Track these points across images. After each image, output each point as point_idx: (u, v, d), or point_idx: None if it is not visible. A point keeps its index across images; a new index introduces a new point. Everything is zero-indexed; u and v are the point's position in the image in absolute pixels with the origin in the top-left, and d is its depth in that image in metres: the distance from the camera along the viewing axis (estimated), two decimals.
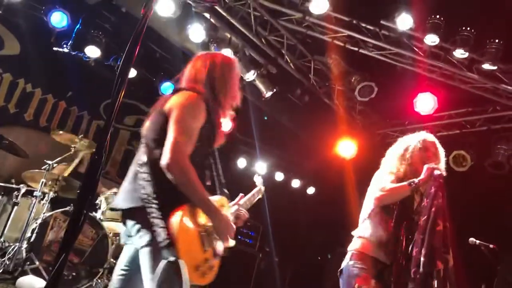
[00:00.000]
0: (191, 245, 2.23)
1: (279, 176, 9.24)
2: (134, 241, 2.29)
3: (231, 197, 2.73)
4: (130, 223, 2.29)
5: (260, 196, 3.22)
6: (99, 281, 5.36)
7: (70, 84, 7.12)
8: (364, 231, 3.29)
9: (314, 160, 8.30)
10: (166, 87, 7.45)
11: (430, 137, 3.53)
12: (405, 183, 3.24)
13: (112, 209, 2.38)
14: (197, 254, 2.26)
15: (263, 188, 3.27)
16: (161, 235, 2.10)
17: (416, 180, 3.21)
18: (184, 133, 2.26)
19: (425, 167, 3.27)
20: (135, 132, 8.09)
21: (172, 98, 2.41)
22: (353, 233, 3.41)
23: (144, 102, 8.11)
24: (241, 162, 9.03)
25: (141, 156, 2.33)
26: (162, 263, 2.10)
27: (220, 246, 2.42)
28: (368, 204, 3.39)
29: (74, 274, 5.00)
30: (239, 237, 7.96)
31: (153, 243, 2.15)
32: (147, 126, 2.44)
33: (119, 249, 6.07)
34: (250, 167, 8.90)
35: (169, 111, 2.33)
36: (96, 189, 1.49)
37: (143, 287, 2.22)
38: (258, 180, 3.34)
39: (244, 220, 2.78)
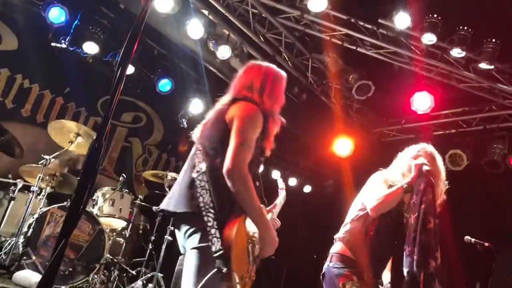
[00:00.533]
0: (241, 256, 2.29)
1: (275, 175, 9.25)
2: (185, 244, 2.35)
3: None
4: (184, 227, 2.36)
5: (283, 201, 3.24)
6: (95, 276, 5.37)
7: (67, 80, 7.11)
8: (344, 235, 3.30)
9: (310, 158, 8.32)
10: (164, 84, 7.41)
11: (429, 148, 3.52)
12: (397, 186, 3.23)
13: (162, 211, 2.39)
14: (244, 264, 2.31)
15: (284, 192, 3.29)
16: (217, 245, 2.17)
17: (407, 180, 3.21)
18: (245, 143, 2.35)
19: (413, 163, 3.26)
20: (132, 128, 8.10)
21: (233, 108, 2.46)
22: (335, 236, 3.42)
23: (142, 99, 8.12)
24: None
25: (198, 163, 2.39)
26: (215, 273, 2.16)
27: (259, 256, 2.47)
28: (354, 208, 3.39)
29: (70, 269, 5.00)
30: None
31: (205, 249, 2.21)
32: (205, 134, 2.50)
33: (115, 245, 6.09)
34: None
35: (230, 121, 2.41)
36: (96, 178, 1.50)
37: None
38: (280, 183, 3.33)
39: (276, 228, 2.80)
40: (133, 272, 6.06)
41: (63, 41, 6.35)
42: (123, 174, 6.11)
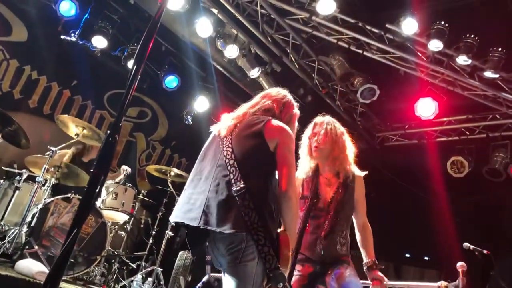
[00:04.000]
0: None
1: None
2: (226, 260, 2.40)
3: None
4: (225, 244, 2.38)
5: None
6: (96, 268, 5.42)
7: (75, 73, 7.19)
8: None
9: None
10: (170, 80, 7.48)
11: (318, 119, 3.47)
12: None
13: (205, 227, 2.38)
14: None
15: None
16: (272, 262, 2.30)
17: None
18: (293, 166, 2.54)
19: None
20: (137, 123, 8.16)
21: (273, 128, 2.58)
22: None
23: (148, 95, 8.19)
24: None
25: (236, 181, 2.41)
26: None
27: None
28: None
29: (71, 260, 5.04)
30: None
31: (254, 265, 2.32)
32: (242, 150, 2.54)
33: (117, 238, 6.15)
34: None
35: (272, 141, 2.53)
36: (109, 169, 1.55)
37: None
38: None
39: None
40: (133, 265, 6.12)
41: (72, 34, 6.42)
42: (128, 168, 6.18)
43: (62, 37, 6.43)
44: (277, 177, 2.54)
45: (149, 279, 5.84)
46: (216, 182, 2.47)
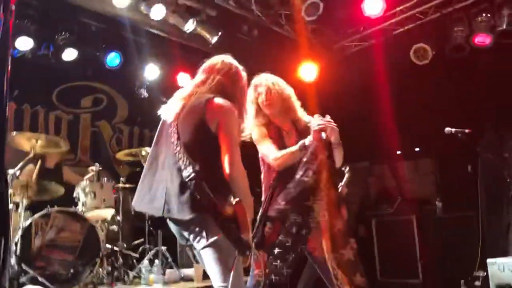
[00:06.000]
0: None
1: None
2: (195, 244, 2.55)
3: None
4: (190, 229, 2.53)
5: None
6: (100, 269, 5.38)
7: (12, 84, 6.75)
8: None
9: None
10: (112, 58, 7.11)
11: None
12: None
13: (171, 219, 2.63)
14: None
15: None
16: (234, 233, 2.43)
17: None
18: (235, 145, 2.57)
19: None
20: (95, 112, 7.85)
21: (212, 108, 2.59)
22: None
23: (95, 80, 7.80)
24: None
25: (186, 166, 2.49)
26: (238, 257, 2.47)
27: None
28: None
29: (72, 271, 5.00)
30: None
31: (220, 242, 2.45)
32: (186, 135, 2.59)
33: (112, 233, 6.07)
34: None
35: (213, 122, 2.56)
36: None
37: None
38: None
39: None
40: (137, 254, 6.10)
41: None
42: (96, 164, 5.97)
43: None
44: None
45: (156, 261, 5.84)
46: (170, 170, 2.58)
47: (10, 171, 4.88)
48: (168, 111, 2.74)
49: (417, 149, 7.92)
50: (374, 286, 5.88)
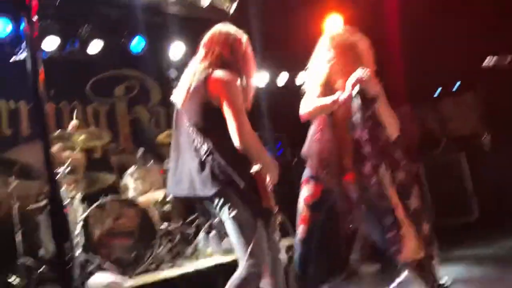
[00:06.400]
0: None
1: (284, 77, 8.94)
2: (219, 216, 2.71)
3: None
4: (214, 204, 2.64)
5: None
6: (160, 248, 5.53)
7: (49, 84, 6.85)
8: None
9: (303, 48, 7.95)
10: (136, 43, 7.22)
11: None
12: None
13: (197, 199, 2.96)
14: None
15: None
16: (256, 203, 2.54)
17: None
18: (239, 114, 2.60)
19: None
20: (130, 99, 7.95)
21: (212, 83, 2.66)
22: None
23: (123, 67, 7.86)
24: None
25: (200, 145, 2.64)
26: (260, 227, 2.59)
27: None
28: None
29: (134, 254, 5.18)
30: None
31: (241, 213, 2.56)
32: (193, 115, 2.70)
33: (166, 214, 6.17)
34: None
35: (215, 97, 2.64)
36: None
37: None
38: None
39: None
40: (192, 229, 6.23)
41: (19, 52, 6.02)
42: (140, 148, 6.12)
43: (12, 60, 6.09)
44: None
45: (212, 232, 5.96)
46: (189, 151, 2.71)
47: (59, 171, 5.03)
48: (177, 97, 2.86)
49: (457, 84, 7.67)
50: None
